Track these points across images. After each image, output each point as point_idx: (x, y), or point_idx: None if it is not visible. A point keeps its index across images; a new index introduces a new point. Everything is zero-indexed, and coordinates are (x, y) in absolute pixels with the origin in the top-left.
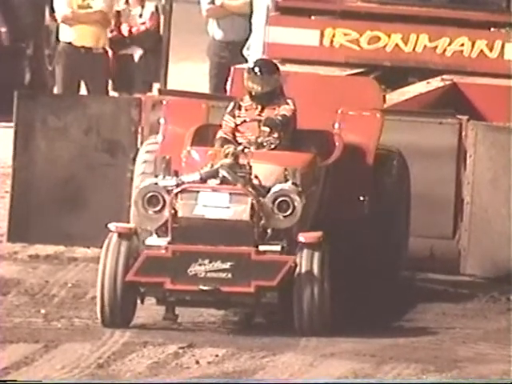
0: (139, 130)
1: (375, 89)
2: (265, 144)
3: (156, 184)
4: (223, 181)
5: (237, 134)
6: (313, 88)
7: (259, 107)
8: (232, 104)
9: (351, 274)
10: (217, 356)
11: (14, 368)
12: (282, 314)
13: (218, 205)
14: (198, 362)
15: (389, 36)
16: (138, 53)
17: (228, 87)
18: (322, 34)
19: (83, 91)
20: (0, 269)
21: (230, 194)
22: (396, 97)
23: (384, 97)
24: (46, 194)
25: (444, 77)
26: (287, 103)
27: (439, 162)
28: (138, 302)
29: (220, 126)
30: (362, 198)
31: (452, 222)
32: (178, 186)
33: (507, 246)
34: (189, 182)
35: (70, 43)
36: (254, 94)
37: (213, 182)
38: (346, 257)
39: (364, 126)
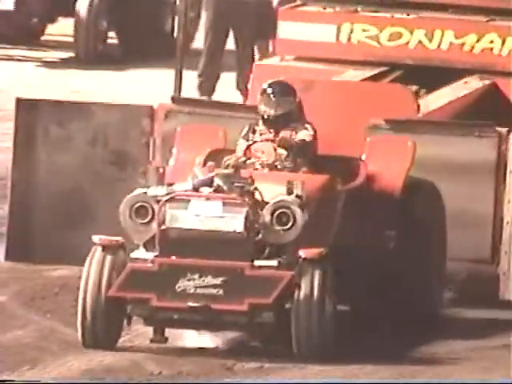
0: (151, 141)
1: (409, 97)
2: (280, 167)
3: (145, 193)
4: (217, 190)
5: (252, 159)
6: (341, 97)
7: (273, 131)
8: (246, 128)
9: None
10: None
11: None
12: (279, 335)
13: (209, 214)
14: None
15: (411, 32)
16: None
17: (250, 85)
18: (338, 30)
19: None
20: None
21: (224, 202)
22: (431, 102)
23: (418, 106)
24: (49, 209)
25: (482, 76)
26: (306, 128)
27: (477, 178)
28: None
29: (234, 150)
30: (387, 232)
31: (490, 243)
32: (168, 195)
33: None
34: (180, 191)
35: None
36: (266, 117)
37: (206, 191)
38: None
39: (394, 155)
